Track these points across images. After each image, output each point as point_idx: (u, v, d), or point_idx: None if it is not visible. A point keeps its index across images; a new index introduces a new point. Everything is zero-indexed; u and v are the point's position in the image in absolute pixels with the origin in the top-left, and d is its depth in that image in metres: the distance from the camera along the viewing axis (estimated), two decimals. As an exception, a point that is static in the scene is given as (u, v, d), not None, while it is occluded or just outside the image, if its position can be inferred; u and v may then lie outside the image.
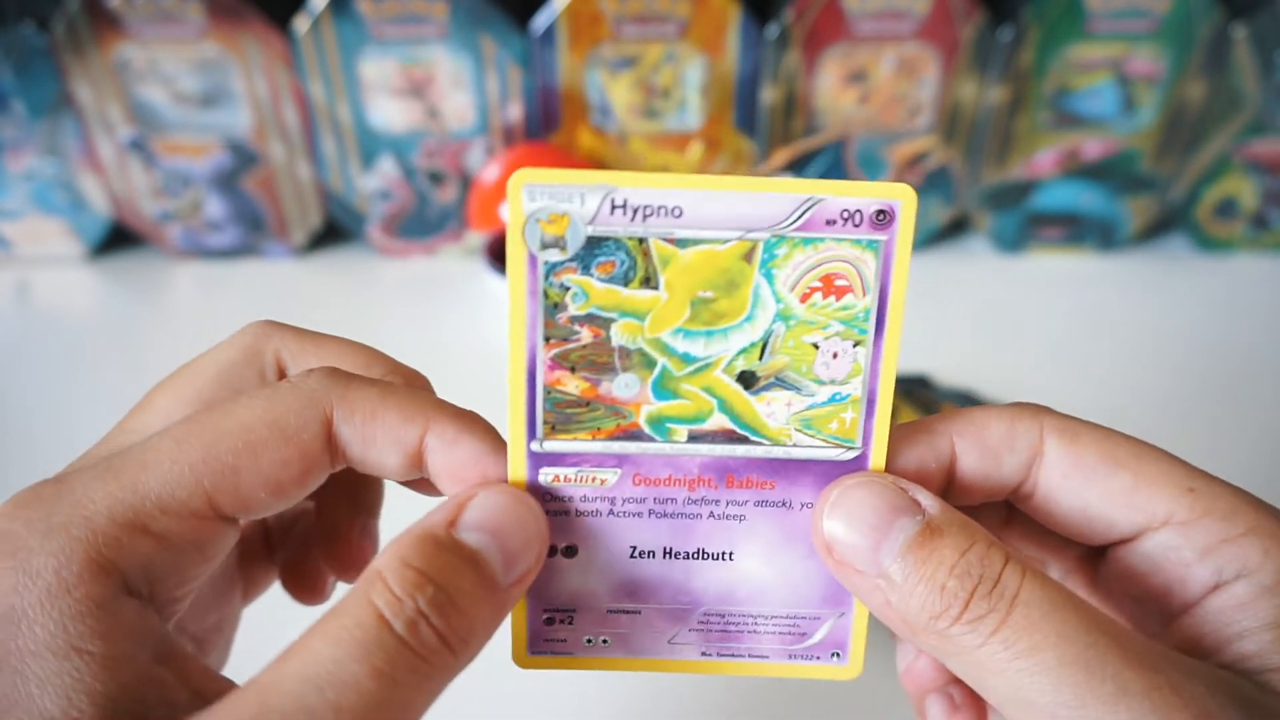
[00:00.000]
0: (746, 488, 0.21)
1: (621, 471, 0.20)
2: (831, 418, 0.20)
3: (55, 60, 0.59)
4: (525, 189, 0.18)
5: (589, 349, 0.20)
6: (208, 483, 0.18)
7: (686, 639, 0.22)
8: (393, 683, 0.16)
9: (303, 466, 0.19)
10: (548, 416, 0.20)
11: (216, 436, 0.18)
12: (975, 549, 0.18)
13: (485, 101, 0.61)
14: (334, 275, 0.67)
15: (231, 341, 0.21)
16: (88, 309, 0.63)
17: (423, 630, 0.16)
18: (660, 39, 0.59)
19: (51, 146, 0.62)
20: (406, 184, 0.64)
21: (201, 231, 0.66)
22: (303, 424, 0.18)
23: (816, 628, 0.22)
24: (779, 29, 0.59)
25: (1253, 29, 0.59)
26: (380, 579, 0.17)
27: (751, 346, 0.20)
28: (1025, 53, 0.60)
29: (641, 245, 0.19)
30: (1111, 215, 0.67)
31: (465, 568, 0.17)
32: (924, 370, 0.56)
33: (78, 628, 0.16)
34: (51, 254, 0.67)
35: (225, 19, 0.57)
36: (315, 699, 0.15)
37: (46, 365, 0.57)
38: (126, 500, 0.17)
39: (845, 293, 0.20)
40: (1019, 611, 0.17)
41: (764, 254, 0.19)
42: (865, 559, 0.19)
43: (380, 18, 0.58)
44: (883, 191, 0.19)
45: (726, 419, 0.20)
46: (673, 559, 0.21)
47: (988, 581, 0.17)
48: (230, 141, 0.62)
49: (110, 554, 0.17)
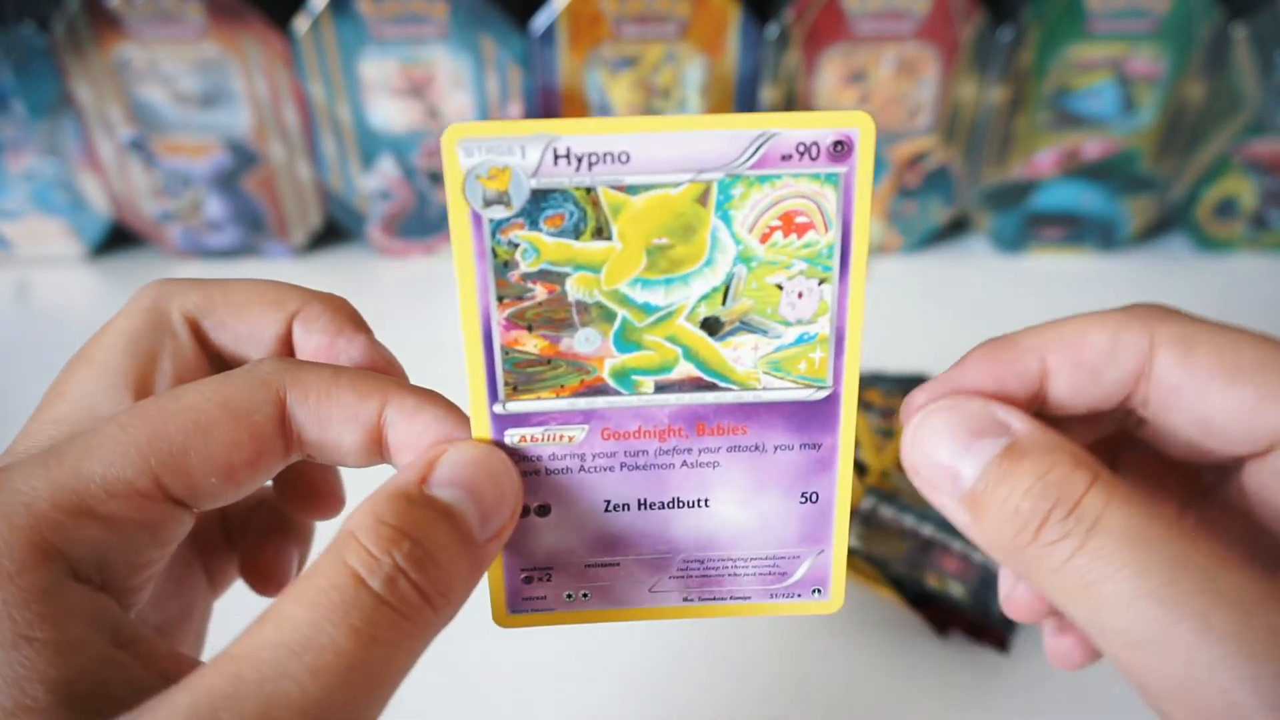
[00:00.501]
0: (718, 434, 0.21)
1: (589, 427, 0.20)
2: (800, 358, 0.20)
3: (55, 60, 0.59)
4: (460, 144, 0.18)
5: (545, 306, 0.19)
6: (154, 462, 0.17)
7: (667, 587, 0.22)
8: (371, 641, 0.15)
9: (254, 449, 0.18)
10: (508, 377, 0.20)
11: (164, 418, 0.17)
12: (1056, 471, 0.17)
13: (485, 101, 0.61)
14: (334, 275, 0.67)
15: (132, 309, 0.21)
16: (88, 309, 0.63)
17: (401, 586, 0.16)
18: (660, 39, 0.59)
19: (51, 146, 0.62)
20: (406, 184, 0.64)
21: (201, 231, 0.66)
22: (254, 405, 0.18)
23: (796, 566, 0.22)
24: (779, 29, 0.59)
25: (1253, 29, 0.59)
26: (353, 538, 0.16)
27: (713, 292, 0.19)
28: (1025, 53, 0.60)
29: (590, 195, 0.18)
30: (1111, 215, 0.67)
31: (441, 522, 0.17)
32: (924, 370, 0.56)
33: (24, 615, 0.15)
34: (51, 254, 0.67)
35: (225, 19, 0.57)
36: (292, 664, 0.14)
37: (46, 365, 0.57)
38: (69, 484, 0.16)
39: (806, 230, 0.19)
40: (1096, 539, 0.16)
41: (719, 195, 0.18)
42: (946, 482, 0.18)
43: (380, 18, 0.58)
44: (838, 120, 0.18)
45: (693, 367, 0.20)
46: (648, 510, 0.21)
47: (1064, 505, 0.17)
48: (230, 141, 0.62)
49: (54, 539, 0.16)
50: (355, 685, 0.15)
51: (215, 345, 0.21)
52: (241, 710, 0.14)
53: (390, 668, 0.16)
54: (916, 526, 0.43)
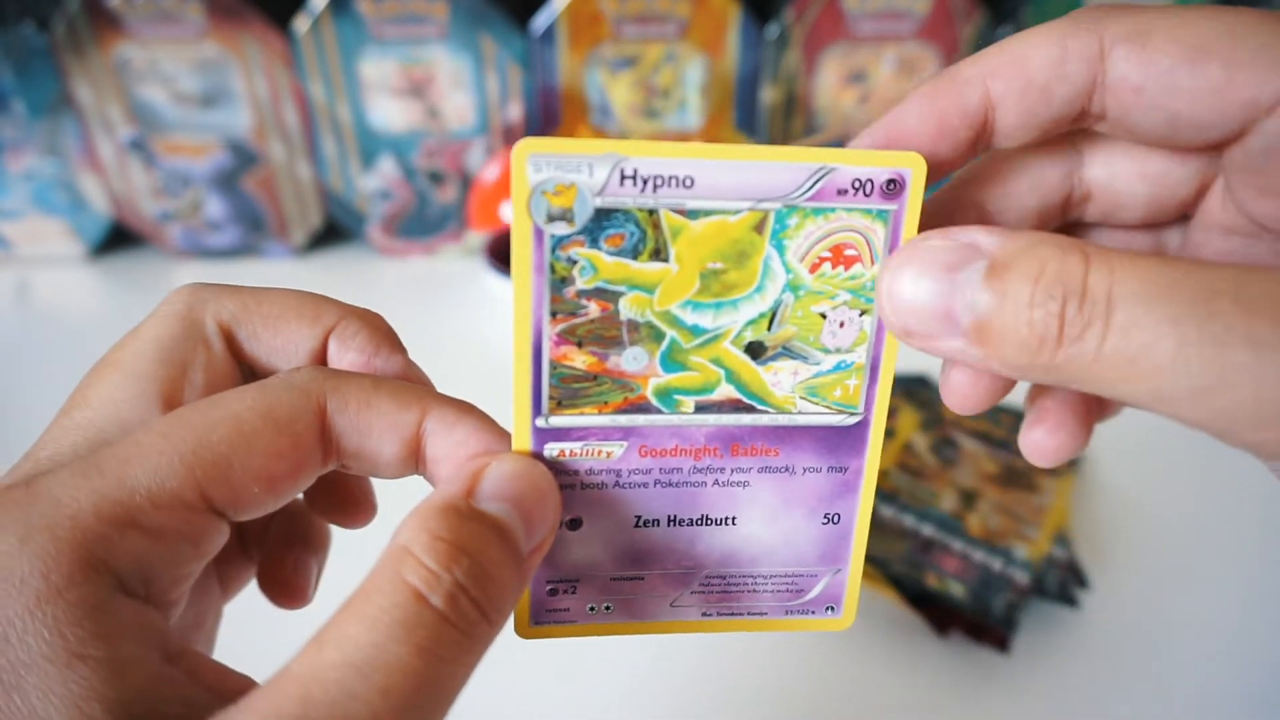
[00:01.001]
0: (751, 455, 0.21)
1: (628, 444, 0.20)
2: (836, 385, 0.20)
3: (55, 60, 0.59)
4: (530, 159, 0.18)
5: (596, 323, 0.19)
6: (200, 473, 0.17)
7: (688, 601, 0.22)
8: (437, 659, 0.15)
9: (296, 459, 0.18)
10: (553, 392, 0.20)
11: (207, 427, 0.17)
12: (1049, 267, 0.16)
13: (485, 101, 0.61)
14: (334, 275, 0.67)
15: (164, 313, 0.20)
16: (88, 309, 0.63)
17: (462, 603, 0.16)
18: (660, 39, 0.59)
19: (51, 146, 0.62)
20: (406, 184, 0.64)
21: (201, 231, 0.66)
22: (295, 414, 0.18)
23: (814, 584, 0.22)
24: (779, 29, 0.59)
25: (1252, 29, 0.59)
26: (410, 554, 0.16)
27: (760, 317, 0.20)
28: (1025, 53, 0.60)
29: (652, 217, 0.18)
30: (1111, 215, 0.67)
31: (493, 537, 0.17)
32: (924, 370, 0.56)
33: (76, 633, 0.15)
34: (51, 254, 0.67)
35: (225, 19, 0.57)
36: (360, 685, 0.14)
37: (46, 365, 0.57)
38: (113, 495, 0.16)
39: (854, 262, 0.19)
40: (1120, 313, 0.15)
41: (775, 224, 0.19)
42: (945, 331, 0.17)
43: (380, 18, 0.58)
44: (894, 160, 0.19)
45: (734, 389, 0.20)
46: (677, 526, 0.21)
47: (1074, 298, 0.16)
48: (230, 141, 0.62)
49: (101, 553, 0.16)
50: (423, 703, 0.15)
51: (249, 357, 0.21)
52: None
53: (453, 683, 0.16)
54: (916, 526, 0.43)
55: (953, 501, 0.45)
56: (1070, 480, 0.47)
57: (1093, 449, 0.50)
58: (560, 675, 0.38)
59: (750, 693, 0.37)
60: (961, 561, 0.41)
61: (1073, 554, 0.43)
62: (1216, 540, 0.45)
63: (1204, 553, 0.44)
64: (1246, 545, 0.45)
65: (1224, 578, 0.43)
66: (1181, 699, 0.37)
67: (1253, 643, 0.39)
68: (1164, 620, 0.40)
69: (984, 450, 0.49)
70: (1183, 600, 0.41)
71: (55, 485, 0.16)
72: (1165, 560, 0.43)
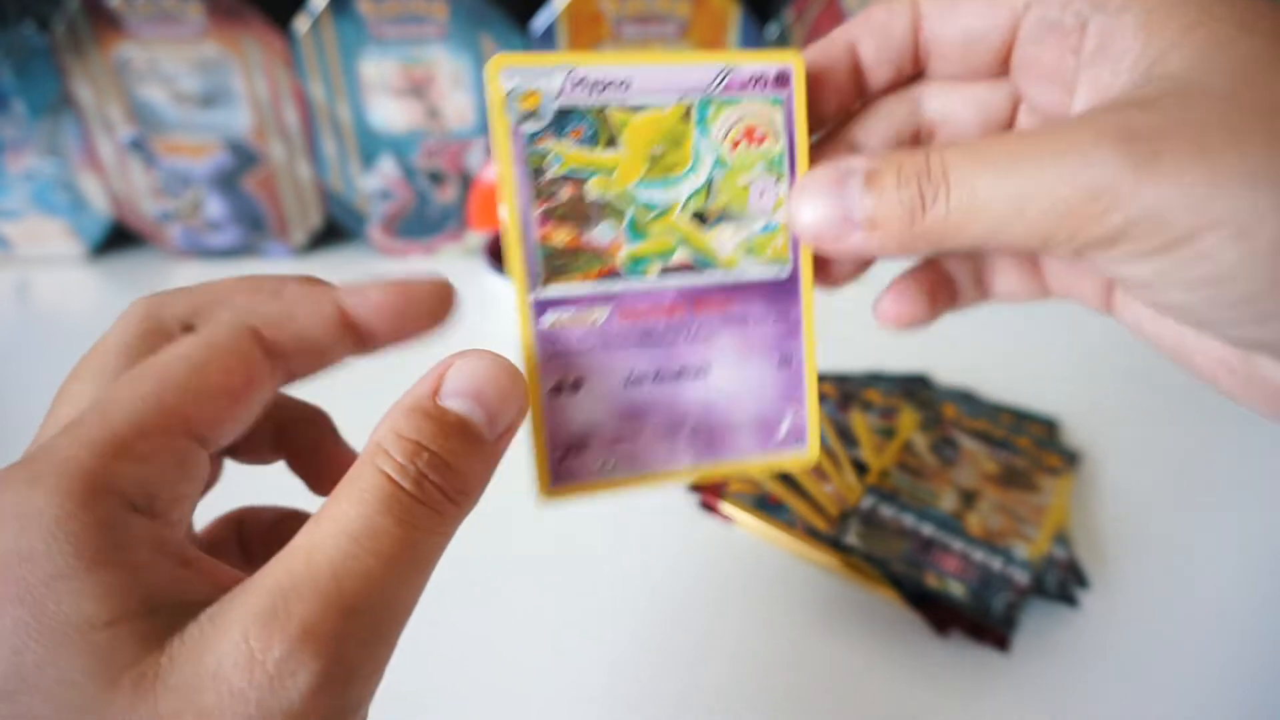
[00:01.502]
0: (711, 309, 0.26)
1: (609, 309, 0.25)
2: (768, 244, 0.25)
3: (55, 60, 0.59)
4: (503, 71, 0.22)
5: (569, 204, 0.24)
6: (169, 402, 0.19)
7: (681, 451, 0.26)
8: (414, 528, 0.18)
9: (246, 372, 0.20)
10: (543, 267, 0.24)
11: (163, 367, 0.19)
12: (905, 165, 0.22)
13: (485, 101, 0.61)
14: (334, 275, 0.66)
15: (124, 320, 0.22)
16: (88, 309, 0.63)
17: (427, 487, 0.18)
18: (660, 39, 0.59)
19: (51, 146, 0.62)
20: (406, 184, 0.65)
21: (201, 231, 0.66)
22: (233, 336, 0.20)
23: (780, 422, 0.27)
24: (779, 29, 0.59)
25: (1252, 29, 0.59)
26: (381, 450, 0.19)
27: (699, 191, 0.25)
28: (1025, 53, 0.60)
29: (601, 113, 0.23)
30: (1111, 215, 0.67)
31: (453, 431, 0.19)
32: (924, 370, 0.56)
33: (95, 544, 0.17)
34: (51, 254, 0.67)
35: (225, 19, 0.57)
36: (354, 547, 0.17)
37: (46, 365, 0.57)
38: (102, 437, 0.18)
39: (764, 140, 0.25)
40: (952, 176, 0.22)
41: (698, 113, 0.24)
42: (846, 232, 0.23)
43: (380, 18, 0.58)
44: (779, 58, 0.25)
45: (687, 253, 0.25)
46: (661, 382, 0.26)
47: (924, 177, 0.22)
48: (230, 141, 0.62)
49: (104, 480, 0.17)
50: (405, 563, 0.18)
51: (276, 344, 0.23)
52: (317, 584, 0.17)
53: (429, 550, 0.19)
54: (916, 526, 0.43)
55: (953, 501, 0.45)
56: (1070, 480, 0.47)
57: (1093, 449, 0.50)
58: (560, 674, 0.38)
59: (749, 692, 0.37)
60: (961, 561, 0.41)
61: (1073, 554, 0.43)
62: (1216, 540, 0.45)
63: (1204, 552, 0.44)
64: (1246, 545, 0.45)
65: (1224, 578, 0.43)
66: (1181, 699, 0.37)
67: (1253, 643, 0.39)
68: (1164, 620, 0.40)
69: (984, 450, 0.49)
70: (1183, 600, 0.41)
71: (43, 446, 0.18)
72: (1165, 560, 0.43)
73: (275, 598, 0.17)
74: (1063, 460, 0.48)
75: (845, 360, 0.56)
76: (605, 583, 0.42)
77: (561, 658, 0.38)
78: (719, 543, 0.44)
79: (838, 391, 0.53)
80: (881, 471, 0.47)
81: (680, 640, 0.39)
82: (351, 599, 0.17)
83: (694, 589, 0.42)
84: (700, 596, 0.41)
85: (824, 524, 0.44)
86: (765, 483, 0.46)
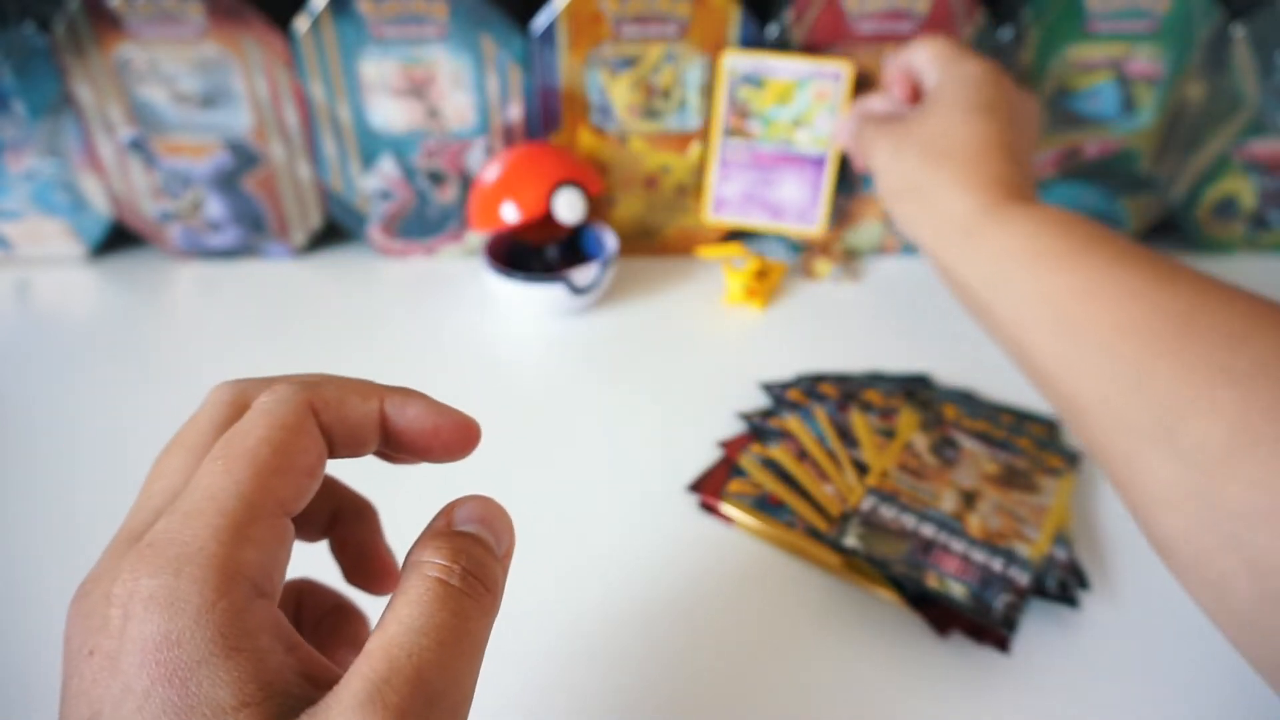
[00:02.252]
0: (789, 162, 0.56)
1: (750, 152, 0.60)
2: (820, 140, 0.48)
3: (55, 60, 0.59)
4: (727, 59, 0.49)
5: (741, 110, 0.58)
6: (267, 483, 0.21)
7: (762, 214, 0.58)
8: (466, 619, 0.21)
9: (318, 450, 0.23)
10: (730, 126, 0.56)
11: (251, 452, 0.21)
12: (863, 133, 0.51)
13: (485, 101, 0.61)
14: (334, 275, 0.67)
15: (214, 400, 0.24)
16: (88, 309, 0.63)
17: (470, 581, 0.22)
18: (660, 39, 0.59)
19: (51, 146, 0.62)
20: (406, 184, 0.64)
21: (201, 231, 0.66)
22: (300, 419, 0.22)
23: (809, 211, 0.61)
24: (779, 29, 0.59)
25: (1252, 29, 0.59)
26: (425, 562, 0.22)
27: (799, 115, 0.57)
28: (1025, 53, 0.60)
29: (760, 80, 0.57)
30: (1111, 215, 0.67)
31: (475, 542, 0.23)
32: (924, 370, 0.56)
33: (232, 631, 0.19)
34: (51, 254, 0.67)
35: (225, 19, 0.57)
36: (421, 640, 0.20)
37: (46, 365, 0.57)
38: (224, 524, 0.20)
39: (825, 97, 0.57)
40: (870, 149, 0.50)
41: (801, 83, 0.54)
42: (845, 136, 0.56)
43: (380, 18, 0.58)
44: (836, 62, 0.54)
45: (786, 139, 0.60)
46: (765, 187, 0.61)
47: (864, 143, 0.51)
48: (230, 141, 0.62)
49: (234, 568, 0.19)
50: (466, 647, 0.21)
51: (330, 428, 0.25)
52: (404, 675, 0.19)
53: (480, 633, 0.21)
54: (916, 526, 0.43)
55: (953, 502, 0.45)
56: (1071, 481, 0.47)
57: (1093, 449, 0.50)
58: (559, 674, 0.38)
59: (749, 693, 0.37)
60: (962, 562, 0.41)
61: (1073, 554, 0.43)
62: (1216, 540, 0.45)
63: (1204, 553, 0.44)
64: (1246, 545, 0.45)
65: (1224, 578, 0.42)
66: (1182, 699, 0.37)
67: (1253, 643, 0.39)
68: (1164, 621, 0.40)
69: (984, 450, 0.49)
70: (1183, 601, 0.41)
71: (164, 534, 0.20)
72: (1165, 560, 0.43)
73: (372, 688, 0.19)
74: (1063, 461, 0.48)
75: (845, 360, 0.56)
76: (605, 583, 0.42)
77: (561, 658, 0.38)
78: (719, 543, 0.44)
79: (838, 392, 0.53)
80: (882, 472, 0.47)
81: (680, 641, 0.39)
82: (430, 684, 0.19)
83: (694, 589, 0.42)
84: (700, 597, 0.41)
85: (824, 525, 0.44)
86: (765, 484, 0.46)
